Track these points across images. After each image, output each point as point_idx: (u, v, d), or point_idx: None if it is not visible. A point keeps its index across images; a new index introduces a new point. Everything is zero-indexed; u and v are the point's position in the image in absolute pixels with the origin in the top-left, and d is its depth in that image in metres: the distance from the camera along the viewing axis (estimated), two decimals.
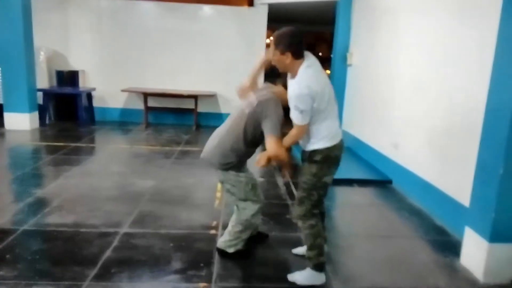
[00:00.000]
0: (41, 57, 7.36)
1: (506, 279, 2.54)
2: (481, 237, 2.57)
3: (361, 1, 6.17)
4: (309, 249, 2.39)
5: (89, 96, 7.74)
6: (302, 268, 2.48)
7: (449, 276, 2.64)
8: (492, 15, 2.68)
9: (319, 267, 2.39)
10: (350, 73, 6.59)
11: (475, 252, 2.64)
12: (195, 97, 7.48)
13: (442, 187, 3.52)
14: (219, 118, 7.83)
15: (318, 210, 2.42)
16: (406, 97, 4.42)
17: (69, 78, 7.58)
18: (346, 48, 6.63)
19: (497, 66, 2.50)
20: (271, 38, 2.29)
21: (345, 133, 6.62)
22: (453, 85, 3.45)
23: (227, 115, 2.70)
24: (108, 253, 2.69)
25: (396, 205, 3.93)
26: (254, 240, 2.89)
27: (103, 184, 4.18)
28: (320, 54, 12.32)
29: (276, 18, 8.45)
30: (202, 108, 7.83)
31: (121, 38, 7.74)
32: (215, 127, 2.73)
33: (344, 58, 6.62)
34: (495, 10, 2.55)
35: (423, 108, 3.98)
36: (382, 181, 4.60)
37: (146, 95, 7.48)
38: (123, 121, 7.89)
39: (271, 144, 2.26)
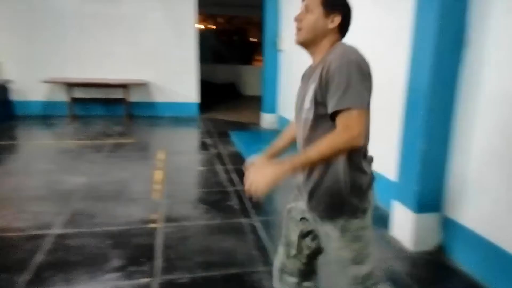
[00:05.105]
0: None
1: (431, 246, 2.78)
2: (408, 208, 2.79)
3: None
4: None
5: (5, 89, 7.03)
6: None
7: (381, 246, 2.84)
8: None
9: None
10: (283, 58, 6.69)
11: (403, 223, 2.86)
12: (124, 86, 7.13)
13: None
14: (153, 107, 7.51)
15: None
16: None
17: None
18: (275, 33, 6.68)
19: (415, 49, 2.69)
20: None
21: (281, 118, 6.80)
22: (376, 68, 3.64)
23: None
24: (39, 257, 2.50)
25: None
26: None
27: (28, 183, 3.85)
28: (256, 40, 12.32)
29: (205, 1, 8.29)
30: (133, 97, 7.48)
31: (38, 24, 7.07)
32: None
33: (274, 43, 6.68)
34: None
35: None
36: None
37: (70, 86, 6.97)
38: (47, 115, 7.29)
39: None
